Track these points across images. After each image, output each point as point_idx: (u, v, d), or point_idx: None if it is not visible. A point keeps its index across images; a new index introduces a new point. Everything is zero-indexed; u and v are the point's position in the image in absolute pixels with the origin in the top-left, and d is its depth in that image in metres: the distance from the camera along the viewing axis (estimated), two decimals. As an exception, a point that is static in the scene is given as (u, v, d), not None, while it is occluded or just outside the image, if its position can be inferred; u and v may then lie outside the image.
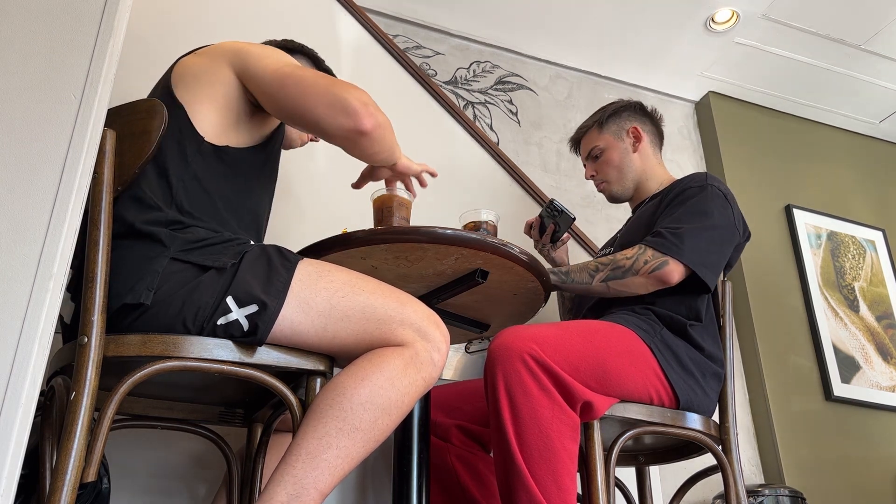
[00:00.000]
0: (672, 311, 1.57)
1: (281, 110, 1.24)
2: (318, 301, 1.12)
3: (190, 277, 1.10)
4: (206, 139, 1.24)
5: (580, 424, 1.35)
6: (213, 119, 1.25)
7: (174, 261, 1.11)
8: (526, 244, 1.79)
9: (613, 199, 1.91)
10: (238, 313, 1.08)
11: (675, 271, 1.52)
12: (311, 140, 1.69)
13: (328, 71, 1.62)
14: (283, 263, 1.14)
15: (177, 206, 1.19)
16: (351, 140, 1.22)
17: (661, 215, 1.65)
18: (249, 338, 1.09)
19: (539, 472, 1.25)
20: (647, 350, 1.46)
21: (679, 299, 1.58)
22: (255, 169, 1.33)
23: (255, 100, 1.28)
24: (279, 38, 1.66)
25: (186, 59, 1.33)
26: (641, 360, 1.44)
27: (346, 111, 1.19)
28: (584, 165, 1.94)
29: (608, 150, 1.86)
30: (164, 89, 1.28)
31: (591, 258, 1.65)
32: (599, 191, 1.91)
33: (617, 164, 1.85)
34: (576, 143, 1.97)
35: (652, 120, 1.92)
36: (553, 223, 1.82)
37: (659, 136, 1.92)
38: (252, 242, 1.21)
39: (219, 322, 1.08)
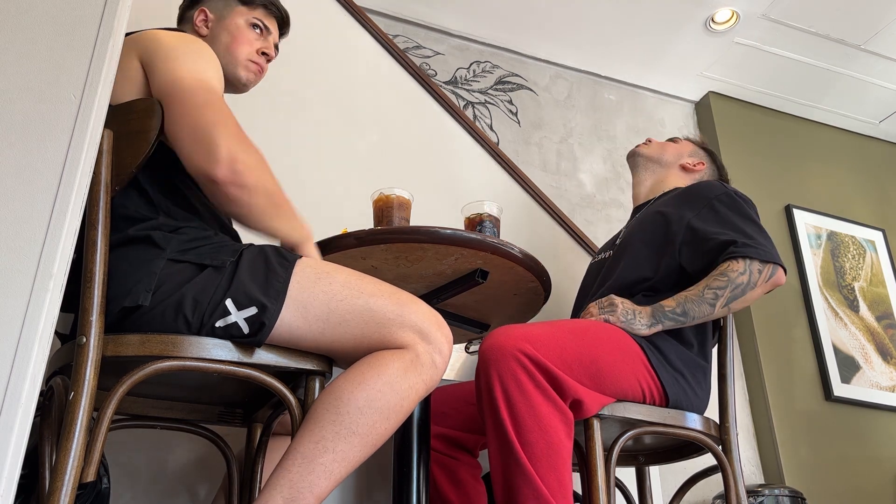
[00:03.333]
0: None
1: (165, 124, 1.16)
2: (316, 305, 1.10)
3: (188, 277, 1.09)
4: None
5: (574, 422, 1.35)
6: None
7: (171, 262, 1.11)
8: (526, 244, 1.79)
9: (634, 155, 1.97)
10: (237, 316, 1.07)
11: (782, 274, 1.57)
12: (256, 69, 1.49)
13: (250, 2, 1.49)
14: (280, 263, 1.12)
15: (163, 212, 1.18)
16: (202, 183, 1.14)
17: (694, 217, 1.63)
18: (249, 339, 1.09)
19: (542, 469, 1.25)
20: (636, 347, 1.47)
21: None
22: None
23: None
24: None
25: None
26: (631, 357, 1.45)
27: (206, 153, 1.10)
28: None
29: (679, 145, 1.95)
30: None
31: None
32: (635, 148, 1.98)
33: (668, 152, 1.93)
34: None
35: (718, 174, 1.96)
36: None
37: (703, 180, 1.91)
38: (247, 243, 1.20)
39: (217, 324, 1.07)
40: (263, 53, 1.50)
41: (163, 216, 1.17)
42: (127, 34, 1.26)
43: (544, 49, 3.24)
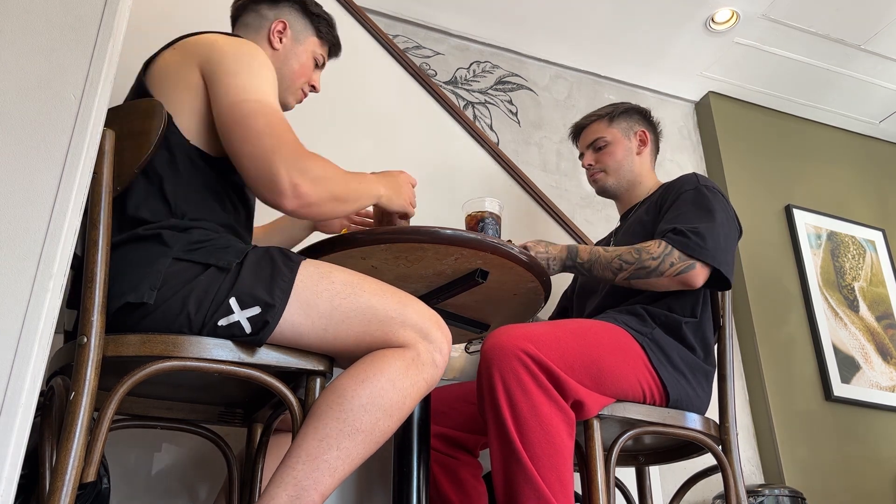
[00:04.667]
0: (669, 308, 1.58)
1: (224, 145, 1.19)
2: (320, 302, 1.11)
3: (192, 276, 1.10)
4: (190, 142, 1.22)
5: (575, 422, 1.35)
6: (193, 125, 1.22)
7: (177, 261, 1.11)
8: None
9: (604, 191, 1.92)
10: (240, 315, 1.08)
11: (700, 275, 1.53)
12: (301, 97, 1.55)
13: (316, 16, 1.52)
14: (286, 264, 1.13)
15: (178, 214, 1.19)
16: (272, 206, 1.17)
17: (664, 216, 1.65)
18: (251, 338, 1.09)
19: (543, 469, 1.25)
20: (638, 347, 1.47)
21: (678, 295, 1.59)
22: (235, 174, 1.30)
23: None
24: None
25: (164, 55, 1.28)
26: (633, 357, 1.45)
27: (270, 186, 1.13)
28: (582, 155, 1.95)
29: (614, 143, 1.88)
30: (139, 92, 1.25)
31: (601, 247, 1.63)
32: (592, 180, 1.92)
33: (619, 159, 1.87)
34: (579, 130, 1.97)
35: (655, 130, 1.96)
36: None
37: (657, 147, 1.97)
38: (253, 244, 1.21)
39: (220, 323, 1.07)
40: (312, 86, 1.54)
41: (175, 217, 1.18)
42: (182, 37, 1.30)
43: (544, 49, 3.24)
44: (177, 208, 1.19)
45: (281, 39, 1.46)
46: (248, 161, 1.15)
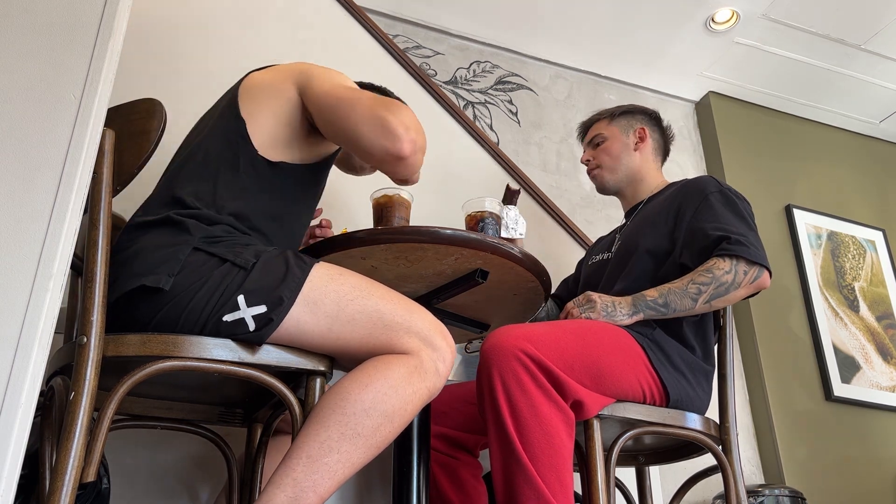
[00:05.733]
0: None
1: (328, 127, 1.28)
2: (327, 302, 1.12)
3: (208, 270, 1.11)
4: (259, 152, 1.26)
5: (575, 422, 1.35)
6: (271, 132, 1.28)
7: (196, 251, 1.12)
8: (526, 244, 1.79)
9: (604, 188, 1.92)
10: (245, 312, 1.08)
11: (767, 277, 1.56)
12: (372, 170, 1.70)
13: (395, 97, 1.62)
14: (298, 265, 1.14)
15: (216, 208, 1.21)
16: (389, 163, 1.24)
17: (692, 217, 1.64)
18: (253, 335, 1.09)
19: (543, 469, 1.25)
20: (638, 347, 1.47)
21: None
22: (303, 187, 1.35)
23: (313, 120, 1.31)
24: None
25: (256, 73, 1.38)
26: (633, 357, 1.45)
27: (386, 133, 1.21)
28: (584, 151, 1.97)
29: (610, 140, 1.90)
30: (231, 101, 1.33)
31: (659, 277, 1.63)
32: (591, 177, 1.94)
33: (614, 155, 1.89)
34: (584, 129, 2.00)
35: (662, 131, 1.96)
36: None
37: (664, 148, 1.96)
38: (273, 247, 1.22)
39: (225, 318, 1.08)
40: None
41: (212, 210, 1.20)
42: (274, 65, 1.43)
43: (544, 49, 3.24)
44: (219, 201, 1.22)
45: None
46: (362, 122, 1.22)
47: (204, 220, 1.18)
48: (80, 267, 1.13)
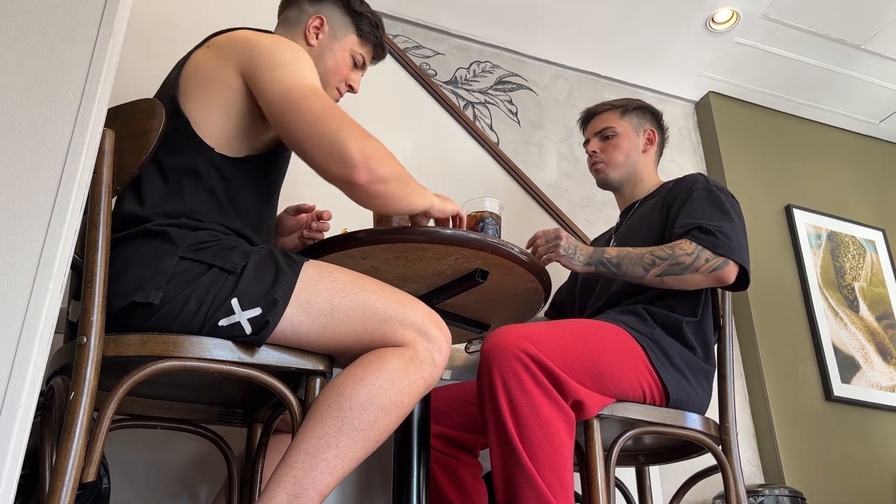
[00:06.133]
0: (671, 308, 1.59)
1: (281, 134, 1.19)
2: (320, 301, 1.12)
3: (196, 275, 1.10)
4: (216, 150, 1.22)
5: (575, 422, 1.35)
6: (221, 128, 1.23)
7: (183, 259, 1.12)
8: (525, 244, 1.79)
9: (605, 183, 1.91)
10: (241, 316, 1.08)
11: (732, 272, 1.54)
12: (337, 97, 1.54)
13: (359, 14, 1.49)
14: (288, 265, 1.14)
15: (190, 216, 1.19)
16: (341, 187, 1.17)
17: (678, 213, 1.65)
18: (251, 338, 1.09)
19: (543, 469, 1.25)
20: (638, 347, 1.47)
21: (680, 295, 1.60)
22: (266, 175, 1.33)
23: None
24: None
25: (196, 55, 1.29)
26: (633, 357, 1.45)
27: (341, 160, 1.12)
28: (587, 142, 1.94)
29: (623, 136, 1.88)
30: (171, 98, 1.25)
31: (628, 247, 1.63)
32: (594, 170, 1.91)
33: (625, 153, 1.87)
34: (590, 116, 1.96)
35: (663, 133, 1.97)
36: None
37: (662, 149, 1.97)
38: (259, 246, 1.21)
39: (221, 323, 1.08)
40: (349, 86, 1.52)
41: (186, 218, 1.18)
42: (214, 34, 1.29)
43: (544, 49, 3.24)
44: (192, 209, 1.19)
45: (317, 35, 1.45)
46: (314, 140, 1.14)
47: (185, 227, 1.16)
48: (80, 266, 1.13)
